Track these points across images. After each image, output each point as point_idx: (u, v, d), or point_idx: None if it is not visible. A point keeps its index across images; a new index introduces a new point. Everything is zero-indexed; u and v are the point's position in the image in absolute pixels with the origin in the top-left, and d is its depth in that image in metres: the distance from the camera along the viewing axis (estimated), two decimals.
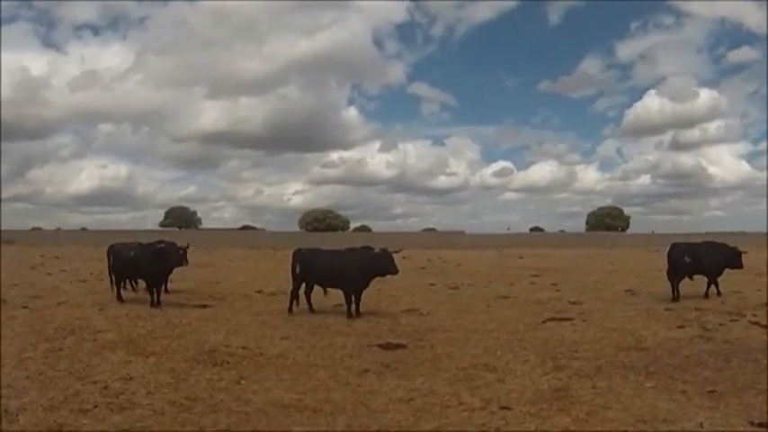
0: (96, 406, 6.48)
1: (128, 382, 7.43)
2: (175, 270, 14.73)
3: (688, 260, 14.65)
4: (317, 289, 13.43)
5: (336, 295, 13.10)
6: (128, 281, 15.96)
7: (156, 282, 14.13)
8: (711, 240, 15.88)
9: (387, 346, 9.58)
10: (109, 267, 15.41)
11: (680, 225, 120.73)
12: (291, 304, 13.06)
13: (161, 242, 14.34)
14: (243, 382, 7.60)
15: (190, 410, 6.41)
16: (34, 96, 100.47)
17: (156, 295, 14.01)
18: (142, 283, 15.25)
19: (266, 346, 9.64)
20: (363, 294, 12.88)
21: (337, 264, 12.85)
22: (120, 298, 14.69)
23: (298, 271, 13.04)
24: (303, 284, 13.25)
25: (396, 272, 12.72)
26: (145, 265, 14.08)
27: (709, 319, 11.64)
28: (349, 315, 12.41)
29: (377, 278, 12.92)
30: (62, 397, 6.74)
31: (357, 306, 12.67)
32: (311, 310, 13.09)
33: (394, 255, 12.73)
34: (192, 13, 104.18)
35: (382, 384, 7.45)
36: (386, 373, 8.01)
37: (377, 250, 12.74)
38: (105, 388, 7.16)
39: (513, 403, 6.53)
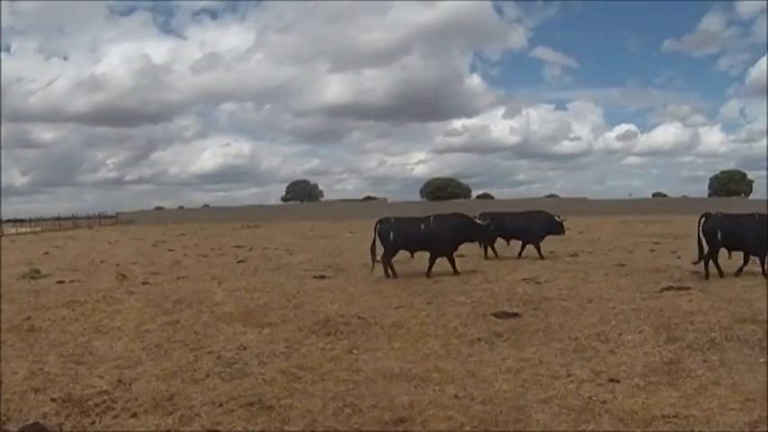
0: (208, 375, 6.87)
1: (241, 352, 7.82)
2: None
3: None
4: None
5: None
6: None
7: (448, 252, 14.99)
8: None
9: (501, 315, 9.65)
10: (379, 242, 15.48)
11: None
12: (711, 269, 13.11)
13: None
14: (355, 351, 7.82)
15: (299, 379, 6.66)
16: (156, 82, 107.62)
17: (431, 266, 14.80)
18: None
19: (381, 316, 9.84)
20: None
21: (755, 230, 13.06)
22: (395, 274, 14.93)
23: (719, 237, 13.12)
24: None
25: None
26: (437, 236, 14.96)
27: None
28: None
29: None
30: (176, 367, 7.21)
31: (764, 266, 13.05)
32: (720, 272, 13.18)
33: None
34: None
35: (493, 354, 7.56)
36: (498, 342, 8.10)
37: None
38: (219, 358, 7.59)
39: (622, 375, 6.54)
